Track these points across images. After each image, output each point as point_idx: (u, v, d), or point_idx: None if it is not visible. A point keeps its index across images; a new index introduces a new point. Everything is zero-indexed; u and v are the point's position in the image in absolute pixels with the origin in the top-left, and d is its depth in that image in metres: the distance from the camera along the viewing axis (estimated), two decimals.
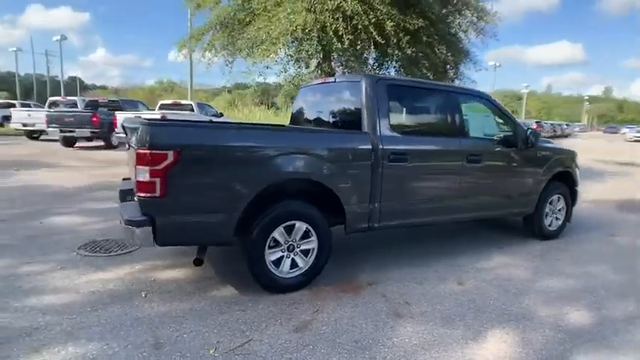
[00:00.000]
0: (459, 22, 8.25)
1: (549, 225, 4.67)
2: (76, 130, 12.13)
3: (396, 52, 7.13)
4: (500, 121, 4.29)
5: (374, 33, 6.38)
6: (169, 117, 10.49)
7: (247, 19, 8.01)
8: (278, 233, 2.91)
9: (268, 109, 33.73)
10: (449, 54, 8.12)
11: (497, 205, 4.19)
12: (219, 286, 3.12)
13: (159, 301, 2.82)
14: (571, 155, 4.84)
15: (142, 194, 2.52)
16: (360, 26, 6.35)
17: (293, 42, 7.02)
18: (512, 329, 2.63)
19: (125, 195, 3.46)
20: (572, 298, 3.16)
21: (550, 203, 4.60)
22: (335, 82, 3.91)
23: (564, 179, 4.73)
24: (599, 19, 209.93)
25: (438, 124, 3.86)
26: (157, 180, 2.49)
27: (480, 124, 4.12)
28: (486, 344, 2.44)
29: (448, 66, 8.59)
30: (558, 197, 4.68)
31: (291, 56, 7.48)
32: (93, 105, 14.27)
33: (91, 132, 12.22)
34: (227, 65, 9.70)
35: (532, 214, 4.48)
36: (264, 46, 7.09)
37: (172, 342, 2.32)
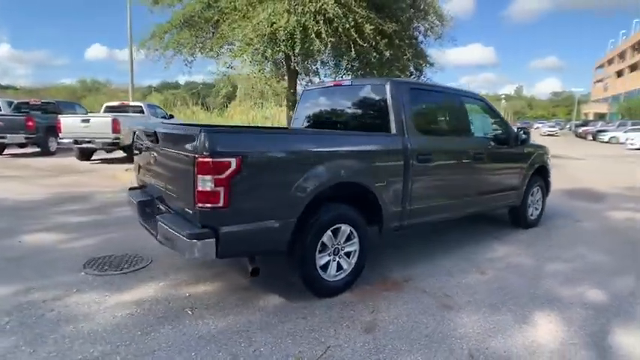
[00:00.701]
0: (421, 27, 8.72)
1: (531, 215, 5.16)
2: (7, 135, 10.76)
3: (374, 54, 7.34)
4: (493, 120, 4.65)
5: (355, 36, 6.52)
6: (120, 120, 9.78)
7: (215, 18, 7.72)
8: (327, 237, 2.91)
9: (208, 110, 32.61)
10: (414, 57, 8.54)
11: (497, 199, 4.55)
12: (261, 295, 3.02)
13: (210, 316, 2.67)
14: (546, 151, 5.39)
15: (204, 205, 2.38)
16: (340, 29, 6.45)
17: (270, 43, 6.89)
18: (550, 311, 2.90)
19: (145, 207, 3.22)
20: (579, 278, 3.54)
21: (531, 195, 5.09)
22: (351, 85, 3.96)
23: (541, 172, 5.25)
24: (509, 23, 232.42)
25: (451, 125, 4.09)
26: (221, 189, 2.36)
27: (479, 124, 4.43)
28: (538, 327, 2.67)
29: (412, 68, 9.04)
30: (537, 189, 5.19)
31: (267, 58, 7.34)
32: (23, 107, 12.70)
33: (26, 137, 10.92)
34: (186, 65, 9.29)
35: (519, 206, 4.92)
36: (238, 46, 6.88)
37: (253, 357, 2.23)
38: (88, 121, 9.82)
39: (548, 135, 39.30)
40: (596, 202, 7.16)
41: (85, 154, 10.71)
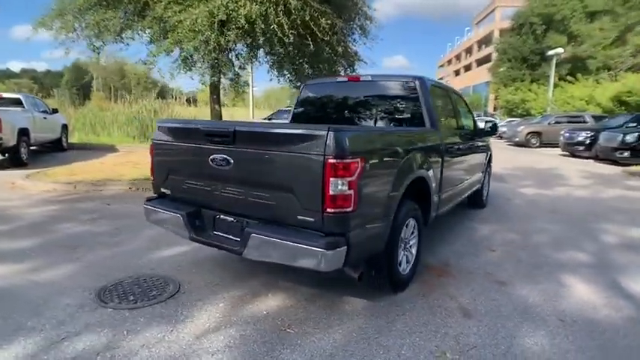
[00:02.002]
0: (355, 25, 9.00)
1: (485, 196, 5.99)
2: None
3: (327, 48, 7.32)
4: (468, 114, 5.24)
5: (315, 29, 6.41)
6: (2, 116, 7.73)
7: None
8: (403, 232, 2.95)
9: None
10: (346, 54, 8.81)
11: (475, 183, 5.15)
12: (339, 300, 2.90)
13: (316, 331, 2.48)
14: (489, 140, 6.28)
15: (335, 210, 2.18)
16: (299, 21, 6.26)
17: (220, 32, 6.25)
18: (576, 275, 3.46)
19: (194, 219, 2.76)
20: (566, 244, 4.29)
21: (485, 178, 5.90)
22: (372, 80, 3.97)
23: (490, 159, 6.11)
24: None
25: (455, 119, 4.46)
26: (352, 192, 2.20)
27: (463, 117, 4.93)
28: (585, 291, 3.16)
29: (345, 64, 9.31)
30: (487, 173, 6.04)
31: (215, 48, 6.62)
32: None
33: None
34: (94, 50, 7.83)
35: (480, 188, 5.66)
36: (183, 34, 6.09)
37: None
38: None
39: None
40: (503, 182, 8.61)
41: None
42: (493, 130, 5.20)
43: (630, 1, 24.24)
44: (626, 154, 11.15)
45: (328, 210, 2.20)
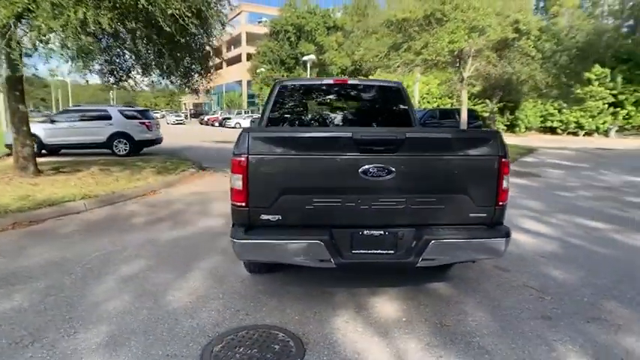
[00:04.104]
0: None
1: None
2: None
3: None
4: None
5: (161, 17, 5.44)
6: None
7: None
8: None
9: None
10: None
11: None
12: (456, 300, 2.90)
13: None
14: None
15: (503, 202, 2.57)
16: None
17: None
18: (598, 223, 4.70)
19: (333, 241, 2.49)
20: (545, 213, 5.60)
21: None
22: (359, 84, 4.19)
23: None
24: None
25: None
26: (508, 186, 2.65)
27: None
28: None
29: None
30: None
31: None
32: None
33: None
34: None
35: None
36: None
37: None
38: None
39: (177, 124, 41.61)
40: None
41: None
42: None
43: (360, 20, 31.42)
44: None
45: (500, 203, 2.55)
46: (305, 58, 30.10)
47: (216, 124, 38.54)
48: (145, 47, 6.07)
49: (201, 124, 42.72)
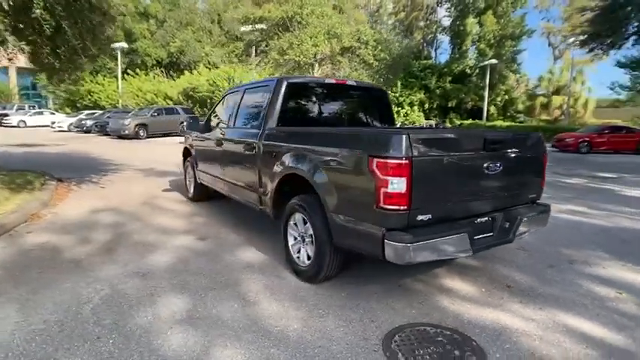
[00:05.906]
0: None
1: None
2: None
3: None
4: None
5: None
6: None
7: None
8: None
9: None
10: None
11: None
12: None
13: None
14: None
15: (544, 185, 3.36)
16: None
17: None
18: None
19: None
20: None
21: None
22: (347, 84, 4.35)
23: None
24: None
25: None
26: None
27: None
28: None
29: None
30: None
31: None
32: None
33: None
34: None
35: None
36: None
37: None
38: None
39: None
40: None
41: None
42: None
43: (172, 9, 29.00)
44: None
45: (542, 186, 3.37)
46: (115, 45, 26.03)
47: None
48: None
49: None
